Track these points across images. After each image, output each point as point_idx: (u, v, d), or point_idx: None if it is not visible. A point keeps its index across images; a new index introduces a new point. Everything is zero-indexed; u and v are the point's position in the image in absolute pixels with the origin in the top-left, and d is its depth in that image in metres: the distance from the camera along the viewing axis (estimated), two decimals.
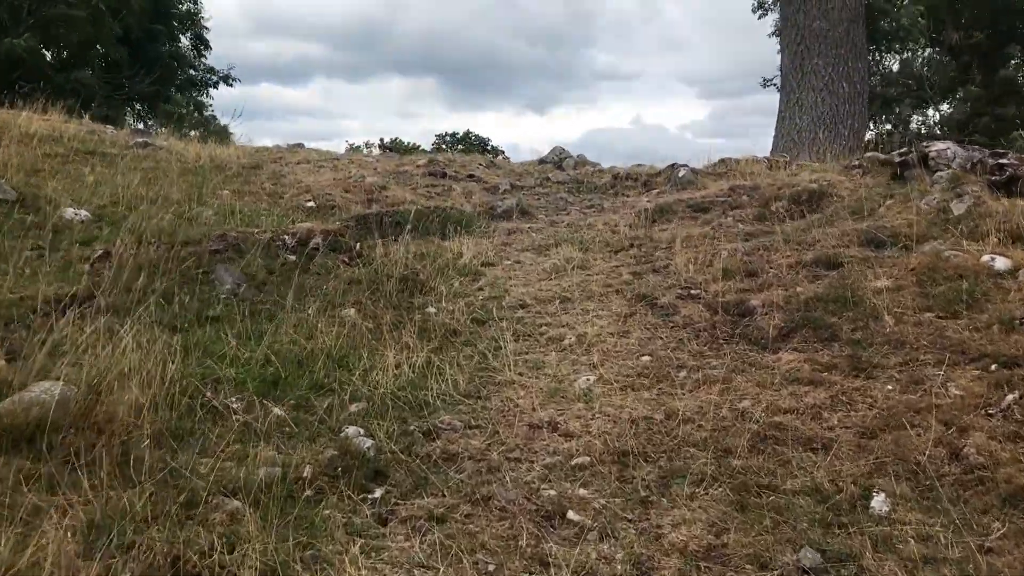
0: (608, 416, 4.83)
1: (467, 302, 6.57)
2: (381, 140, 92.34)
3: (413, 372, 5.45)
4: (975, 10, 23.77)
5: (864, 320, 5.50)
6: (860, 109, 13.44)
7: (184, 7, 28.60)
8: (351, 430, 4.73)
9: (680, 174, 9.43)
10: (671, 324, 5.92)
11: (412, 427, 4.83)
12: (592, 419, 4.83)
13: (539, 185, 10.10)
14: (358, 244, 7.72)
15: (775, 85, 26.08)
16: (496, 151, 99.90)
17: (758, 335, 5.58)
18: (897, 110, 26.04)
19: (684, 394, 5.01)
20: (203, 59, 28.94)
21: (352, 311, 6.49)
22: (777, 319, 5.67)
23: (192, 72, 29.55)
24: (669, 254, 7.16)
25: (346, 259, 7.48)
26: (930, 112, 26.64)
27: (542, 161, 11.27)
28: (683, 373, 5.27)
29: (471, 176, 10.18)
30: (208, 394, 5.09)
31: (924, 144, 8.24)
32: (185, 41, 29.81)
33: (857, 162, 8.80)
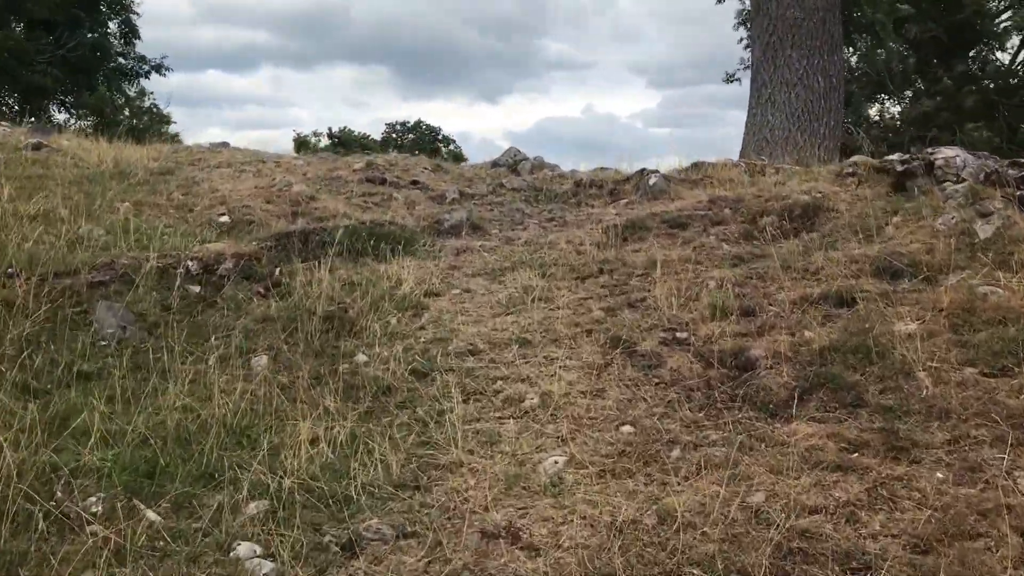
0: (584, 519, 3.72)
1: (406, 346, 5.41)
2: (329, 130, 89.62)
3: (333, 451, 4.28)
4: (934, 3, 23.16)
5: (894, 378, 4.46)
6: (836, 105, 12.51)
7: None
8: (244, 549, 3.55)
9: (651, 182, 8.35)
10: (656, 380, 4.82)
11: (328, 537, 3.66)
12: (563, 523, 3.71)
13: (492, 193, 8.95)
14: (277, 270, 6.50)
15: (738, 80, 25.27)
16: (448, 140, 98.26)
17: (765, 397, 4.50)
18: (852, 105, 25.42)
19: (680, 484, 3.91)
20: (132, 47, 27.07)
21: (264, 359, 5.30)
22: (786, 375, 4.60)
23: (121, 61, 27.69)
24: (646, 282, 6.07)
25: (261, 290, 6.25)
26: (888, 105, 26.05)
27: (495, 164, 10.10)
28: (676, 452, 4.17)
29: (415, 182, 8.99)
30: (58, 493, 3.87)
31: (929, 150, 7.27)
32: (113, 28, 28.01)
33: (850, 169, 7.80)
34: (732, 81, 26.93)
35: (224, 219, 7.47)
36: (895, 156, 7.53)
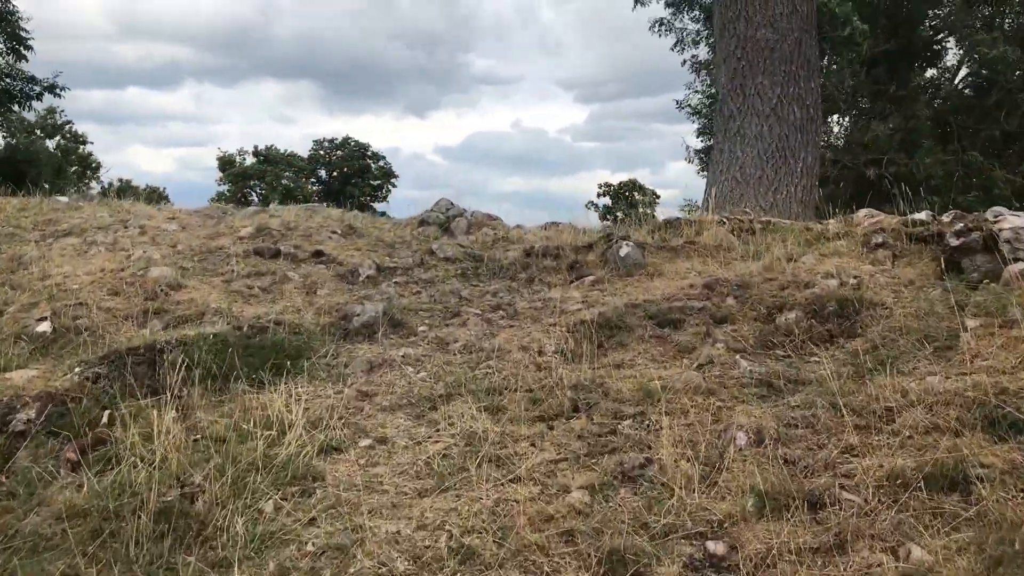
0: None
1: (281, 567, 3.43)
2: (255, 148, 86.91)
3: None
4: (885, 19, 22.05)
5: None
6: (814, 138, 10.93)
7: None
8: None
9: (622, 252, 6.51)
10: None
11: None
12: None
13: (419, 265, 6.99)
14: (104, 415, 4.45)
15: (689, 108, 23.60)
16: (377, 156, 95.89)
17: None
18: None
19: None
20: (20, 67, 24.33)
21: None
22: None
23: (7, 81, 24.90)
24: (643, 431, 4.20)
25: (73, 456, 4.19)
26: (839, 127, 24.91)
27: (423, 222, 8.13)
28: None
29: (318, 254, 6.98)
30: None
31: (990, 217, 5.59)
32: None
33: (879, 238, 6.08)
34: (682, 108, 25.02)
35: (44, 327, 5.35)
36: (945, 220, 5.84)
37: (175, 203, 9.37)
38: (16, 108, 24.51)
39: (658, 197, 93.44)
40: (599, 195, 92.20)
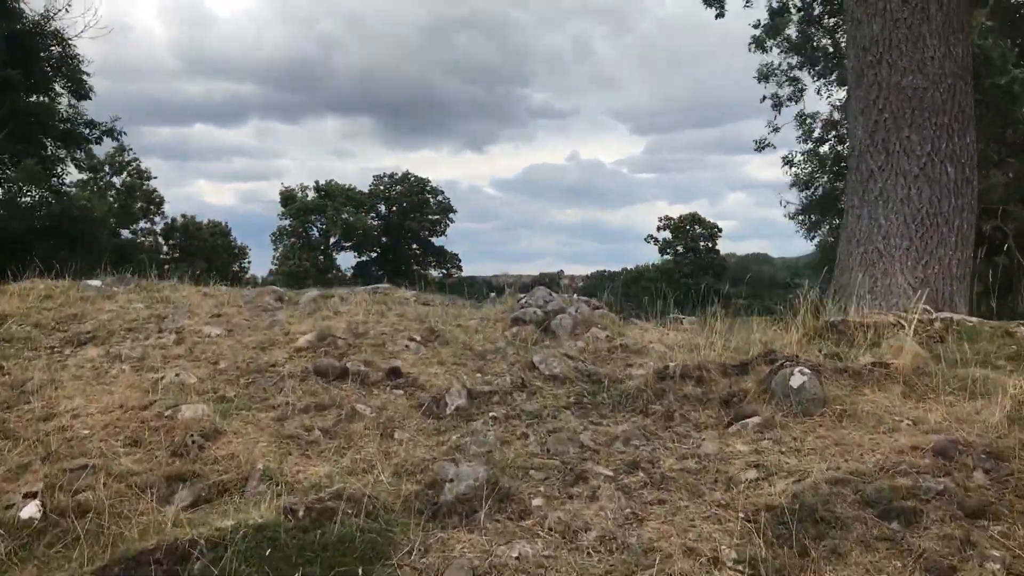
0: None
1: None
2: (316, 183, 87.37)
3: None
4: None
5: None
6: (970, 203, 9.19)
7: (54, 50, 23.49)
8: None
9: (794, 382, 4.90)
10: None
11: None
12: None
13: (520, 388, 5.48)
14: None
15: (771, 146, 21.78)
16: (436, 191, 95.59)
17: None
18: None
19: None
20: (78, 110, 23.68)
21: None
22: None
23: (66, 126, 24.30)
24: None
25: None
26: None
27: (518, 320, 6.62)
28: None
29: (394, 372, 5.52)
30: None
31: None
32: (61, 90, 24.70)
33: None
34: (763, 148, 23.03)
35: (31, 510, 3.92)
36: None
37: (224, 287, 8.21)
38: (78, 152, 23.85)
39: (720, 231, 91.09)
40: (659, 228, 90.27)
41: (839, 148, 16.57)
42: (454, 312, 7.23)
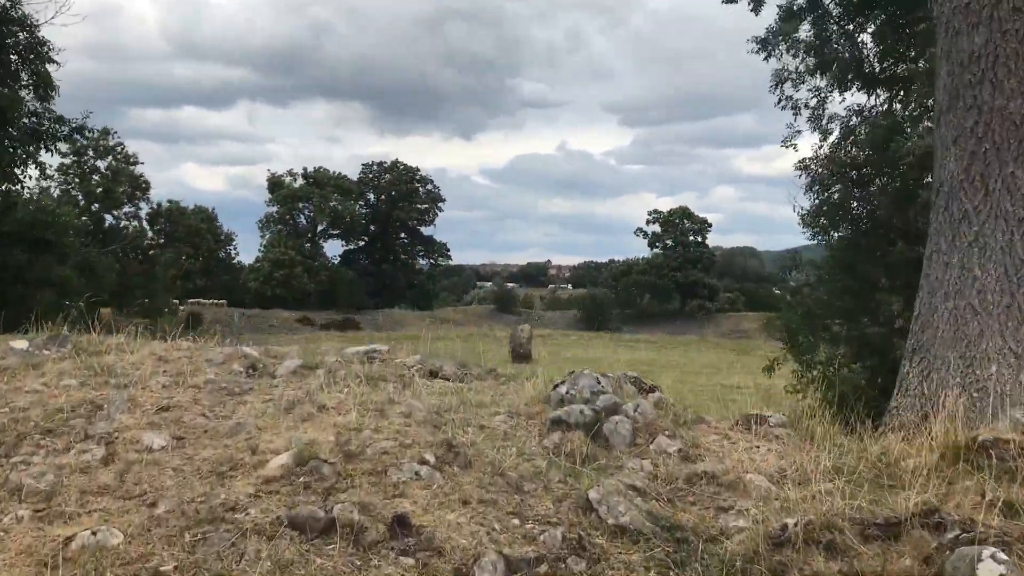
0: None
1: None
2: (304, 170, 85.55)
3: None
4: None
5: None
6: None
7: (21, 37, 21.57)
8: None
9: (986, 573, 3.41)
10: None
11: None
12: None
13: (576, 550, 3.92)
14: None
15: (794, 146, 20.12)
16: (425, 180, 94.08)
17: None
18: None
19: None
20: (48, 105, 21.78)
21: None
22: None
23: (30, 121, 22.41)
24: None
25: None
26: None
27: (559, 423, 5.05)
28: None
29: (400, 522, 3.96)
30: None
31: None
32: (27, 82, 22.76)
33: None
34: (790, 146, 21.17)
35: None
36: None
37: (186, 345, 6.73)
38: (44, 149, 21.96)
39: (709, 225, 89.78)
40: (648, 222, 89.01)
41: (853, 153, 15.02)
42: (475, 401, 5.68)
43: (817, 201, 13.88)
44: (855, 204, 13.13)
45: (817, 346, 13.84)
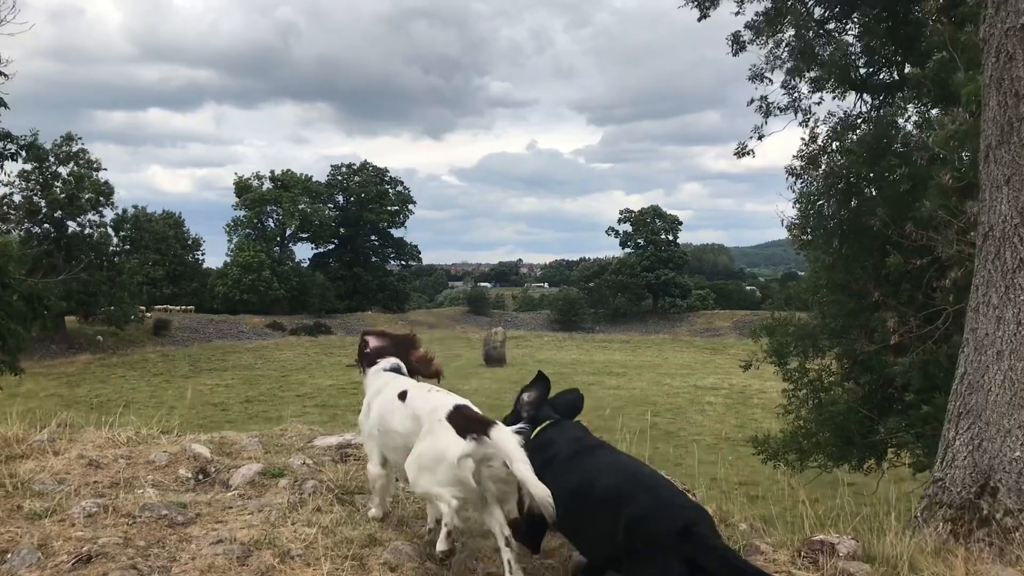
0: None
1: None
2: (272, 172, 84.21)
3: None
4: None
5: None
6: None
7: None
8: None
9: None
10: None
11: None
12: None
13: None
14: None
15: (750, 153, 19.30)
16: (395, 182, 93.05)
17: None
18: None
19: None
20: None
21: None
22: None
23: None
24: None
25: None
26: None
27: None
28: None
29: None
30: None
31: None
32: None
33: None
34: (745, 155, 20.45)
35: None
36: None
37: (127, 437, 6.02)
38: None
39: (680, 224, 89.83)
40: (620, 221, 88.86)
41: (840, 163, 14.47)
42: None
43: (804, 211, 13.47)
44: (845, 214, 12.74)
45: (806, 360, 13.48)
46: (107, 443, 5.81)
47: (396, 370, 5.01)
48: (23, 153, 20.04)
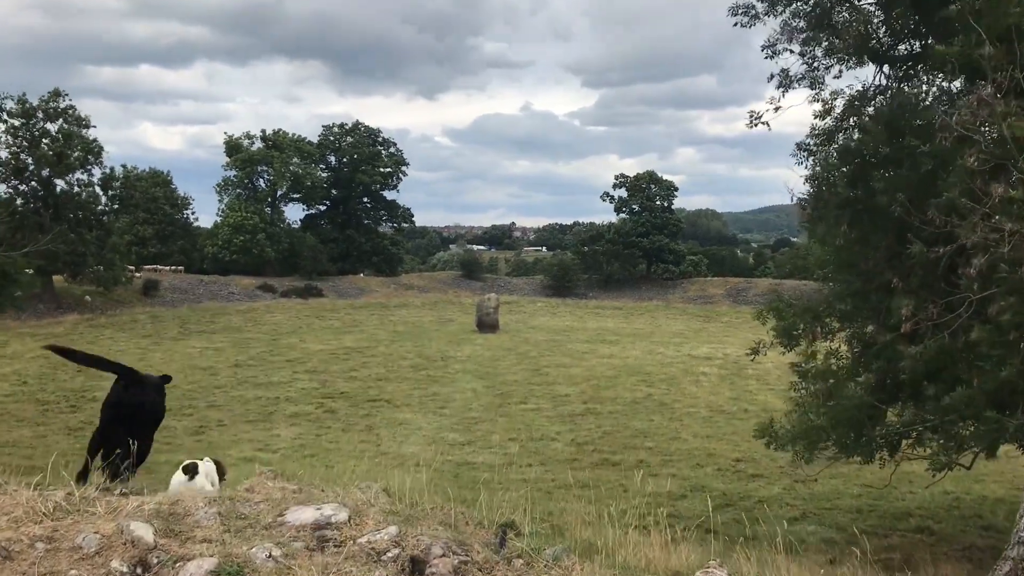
0: None
1: None
2: (263, 132, 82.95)
3: None
4: None
5: None
6: None
7: None
8: None
9: None
10: None
11: None
12: None
13: None
14: None
15: (765, 124, 18.68)
16: (388, 143, 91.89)
17: None
18: None
19: None
20: None
21: None
22: None
23: None
24: None
25: None
26: None
27: None
28: None
29: None
30: None
31: None
32: None
33: None
34: (757, 124, 19.68)
35: None
36: None
37: (56, 500, 4.91)
38: None
39: (676, 190, 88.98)
40: (615, 186, 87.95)
41: (855, 140, 13.82)
42: None
43: (818, 190, 12.88)
44: (858, 194, 12.18)
45: (813, 342, 13.01)
46: (26, 515, 4.63)
47: None
48: None
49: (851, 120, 13.28)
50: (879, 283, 11.74)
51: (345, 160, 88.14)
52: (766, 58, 16.69)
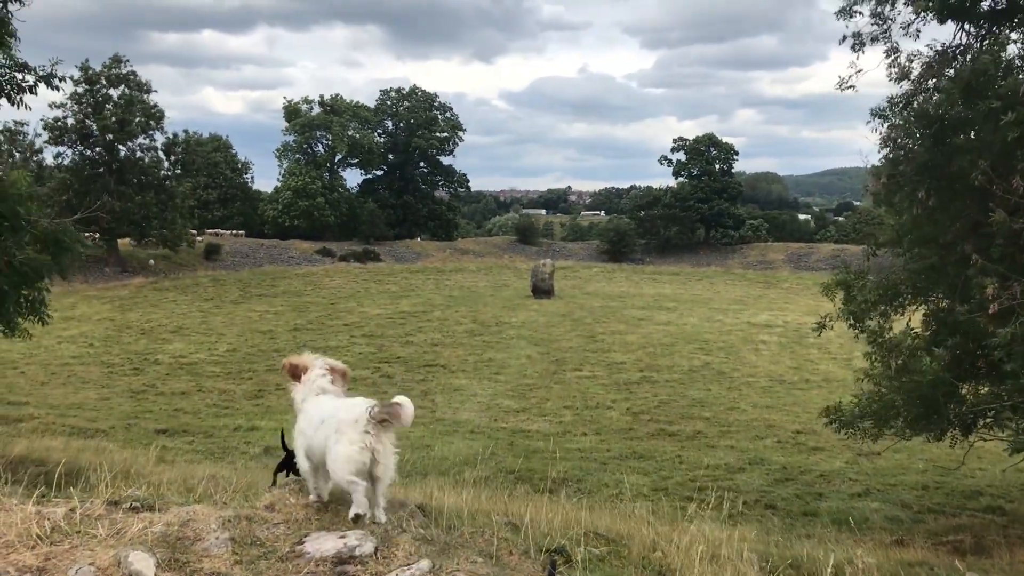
0: None
1: None
2: (321, 97, 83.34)
3: None
4: None
5: None
6: None
7: None
8: None
9: None
10: None
11: None
12: None
13: None
14: None
15: (852, 87, 18.04)
16: (445, 107, 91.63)
17: None
18: None
19: None
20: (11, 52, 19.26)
21: None
22: None
23: None
24: None
25: None
26: None
27: None
28: None
29: None
30: None
31: None
32: None
33: None
34: (848, 88, 18.64)
35: None
36: None
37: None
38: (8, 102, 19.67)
39: (736, 153, 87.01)
40: (673, 149, 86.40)
41: (935, 100, 12.90)
42: None
43: (893, 154, 12.20)
44: (936, 161, 11.53)
45: (886, 320, 12.46)
46: (19, 539, 4.03)
47: None
48: (41, 84, 18.71)
49: (930, 82, 12.58)
50: (957, 256, 11.15)
51: (402, 125, 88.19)
52: (838, 19, 15.88)
